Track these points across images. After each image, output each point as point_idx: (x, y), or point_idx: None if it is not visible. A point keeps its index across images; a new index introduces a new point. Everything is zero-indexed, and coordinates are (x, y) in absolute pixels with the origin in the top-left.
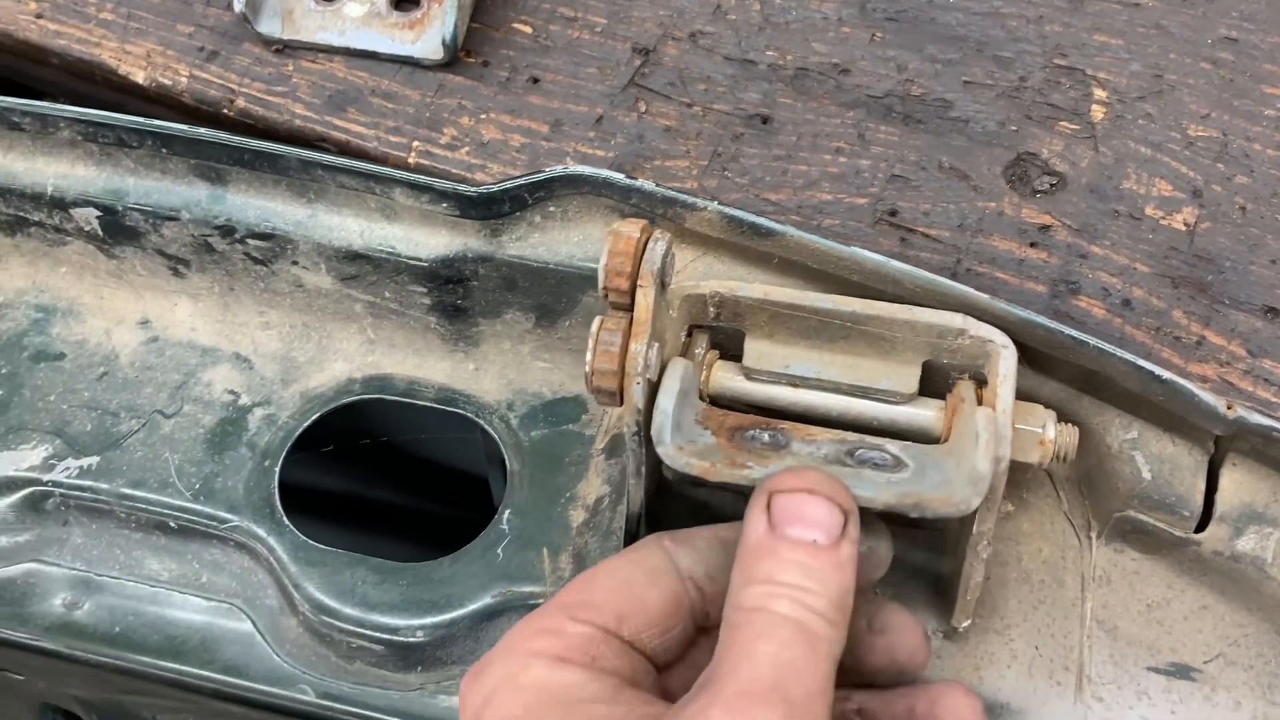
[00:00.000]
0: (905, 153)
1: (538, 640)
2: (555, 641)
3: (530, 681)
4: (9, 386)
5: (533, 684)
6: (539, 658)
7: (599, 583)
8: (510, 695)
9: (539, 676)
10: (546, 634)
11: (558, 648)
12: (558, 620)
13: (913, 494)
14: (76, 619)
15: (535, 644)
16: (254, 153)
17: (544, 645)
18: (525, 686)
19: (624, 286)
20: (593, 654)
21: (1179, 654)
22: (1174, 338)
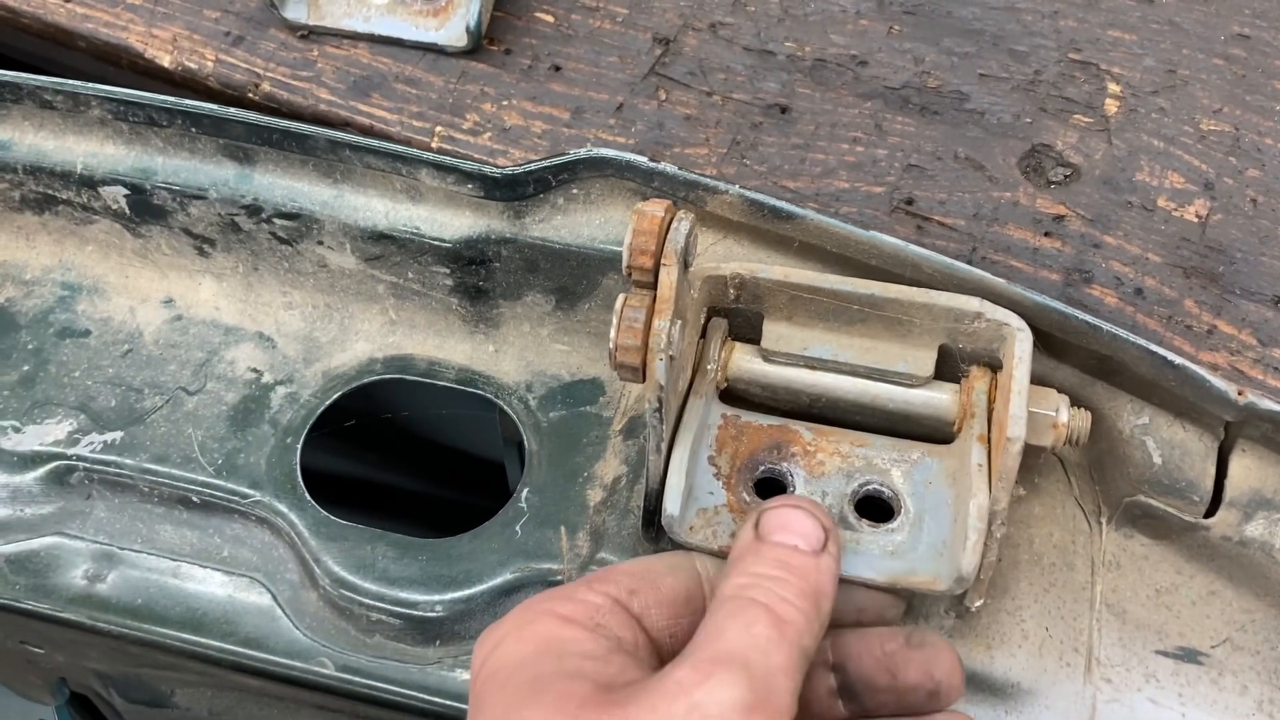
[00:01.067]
0: (922, 143)
1: (551, 602)
2: (566, 605)
3: (535, 633)
4: (35, 362)
5: (536, 635)
6: (548, 615)
7: (621, 566)
8: (515, 643)
9: (544, 629)
10: (560, 599)
11: (567, 610)
12: (574, 589)
13: (903, 578)
14: (99, 591)
15: (548, 605)
16: (282, 133)
17: (555, 606)
18: (529, 637)
19: (648, 265)
20: (598, 620)
21: (1187, 638)
22: (1185, 326)
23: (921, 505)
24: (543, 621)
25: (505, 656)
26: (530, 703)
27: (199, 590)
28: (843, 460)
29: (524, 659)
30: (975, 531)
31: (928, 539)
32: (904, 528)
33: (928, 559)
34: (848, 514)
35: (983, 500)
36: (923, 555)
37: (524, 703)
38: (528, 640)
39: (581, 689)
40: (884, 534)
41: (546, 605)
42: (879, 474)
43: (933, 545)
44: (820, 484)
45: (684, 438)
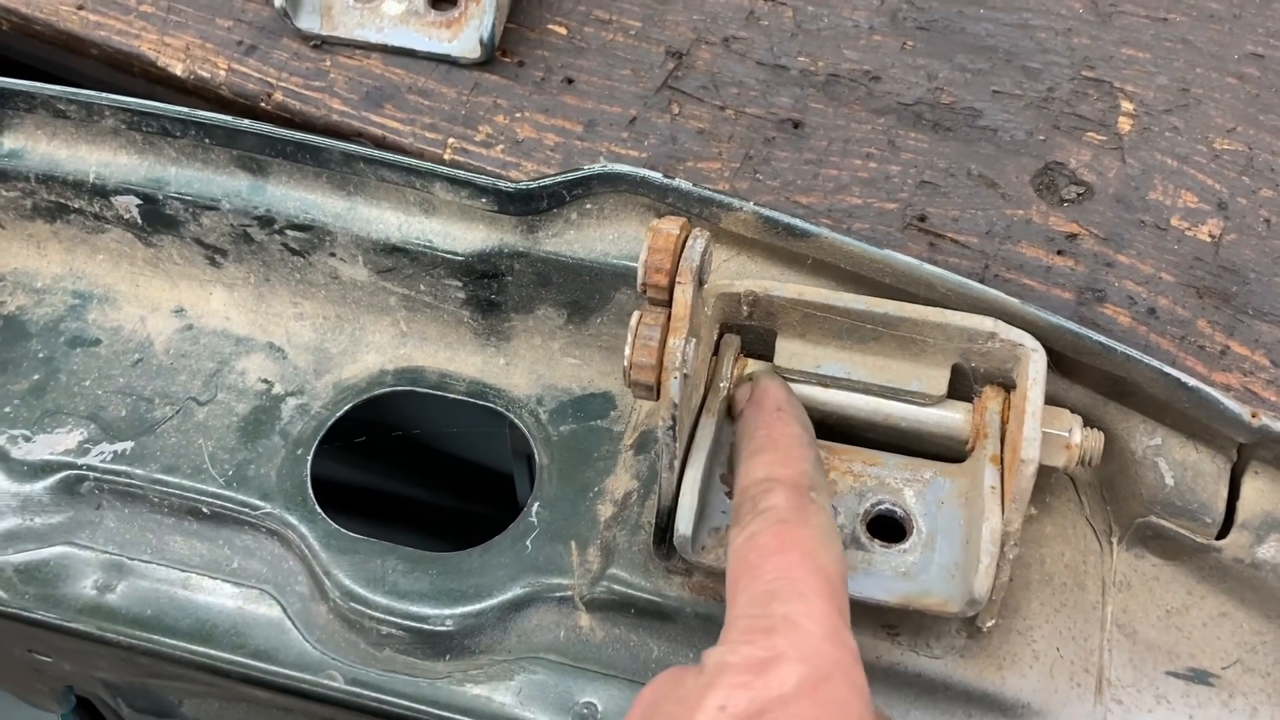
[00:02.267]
0: (935, 160)
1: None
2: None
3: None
4: (45, 371)
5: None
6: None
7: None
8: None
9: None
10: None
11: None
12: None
13: (915, 599)
14: (108, 601)
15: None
16: (296, 145)
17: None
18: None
19: (663, 282)
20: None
21: (1198, 659)
22: (1198, 347)
23: (934, 525)
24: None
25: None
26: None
27: (209, 602)
28: (855, 479)
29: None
30: (988, 555)
31: (940, 560)
32: (916, 548)
33: (940, 580)
34: (859, 534)
35: (996, 524)
36: (935, 577)
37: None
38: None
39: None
40: (896, 554)
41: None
42: (891, 493)
43: (945, 567)
44: (833, 503)
45: (697, 457)
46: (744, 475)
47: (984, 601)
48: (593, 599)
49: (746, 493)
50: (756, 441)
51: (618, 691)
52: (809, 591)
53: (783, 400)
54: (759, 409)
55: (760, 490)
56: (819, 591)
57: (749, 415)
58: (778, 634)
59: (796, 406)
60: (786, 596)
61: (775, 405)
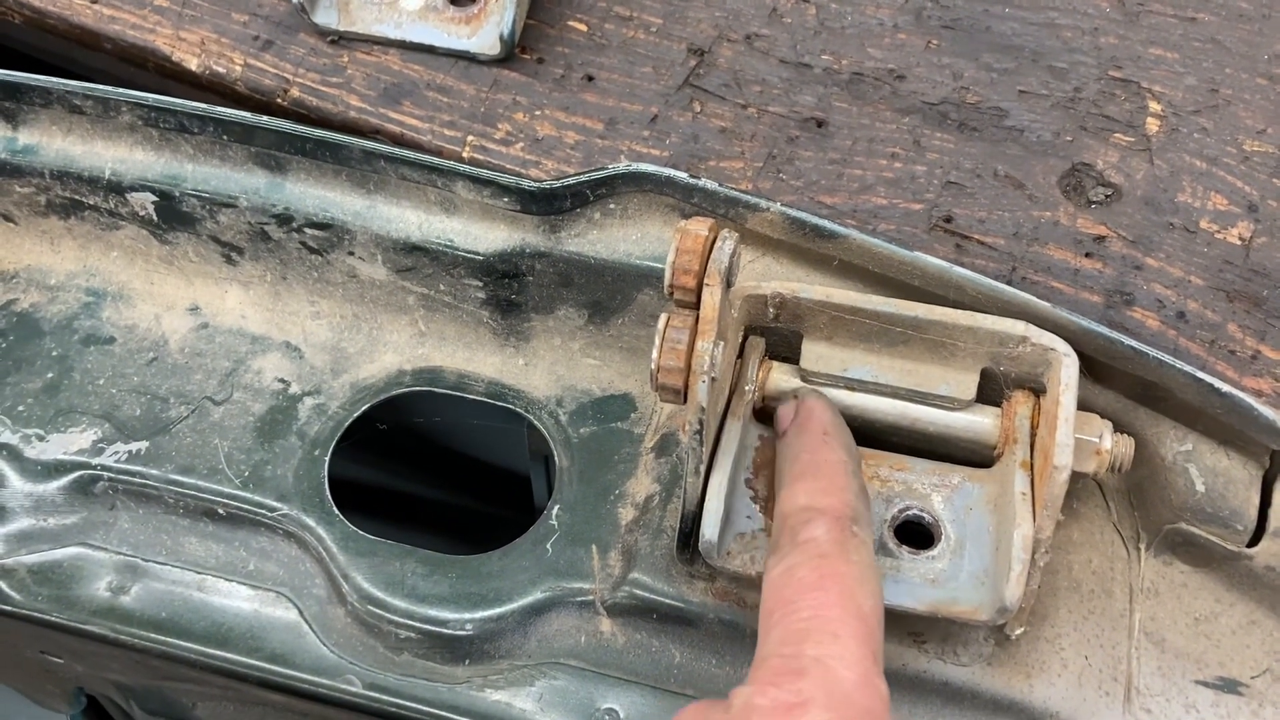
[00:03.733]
0: (961, 160)
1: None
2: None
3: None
4: (59, 369)
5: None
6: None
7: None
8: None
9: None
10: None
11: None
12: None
13: (944, 606)
14: (122, 603)
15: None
16: (316, 142)
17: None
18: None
19: (691, 285)
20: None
21: (1227, 668)
22: (1228, 351)
23: (963, 532)
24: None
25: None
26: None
27: (224, 604)
28: (882, 484)
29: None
30: (1019, 563)
31: (969, 567)
32: (945, 555)
33: (969, 588)
34: (887, 540)
35: (1027, 530)
36: (964, 584)
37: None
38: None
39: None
40: (924, 561)
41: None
42: (919, 499)
43: (974, 574)
44: None
45: (722, 462)
46: (785, 501)
47: (1014, 610)
48: (614, 604)
49: (786, 520)
50: (800, 466)
51: (639, 698)
52: (844, 633)
53: (830, 424)
54: (804, 431)
55: (800, 520)
56: (854, 633)
57: (793, 437)
58: (808, 678)
59: (844, 431)
60: (820, 637)
61: (822, 428)
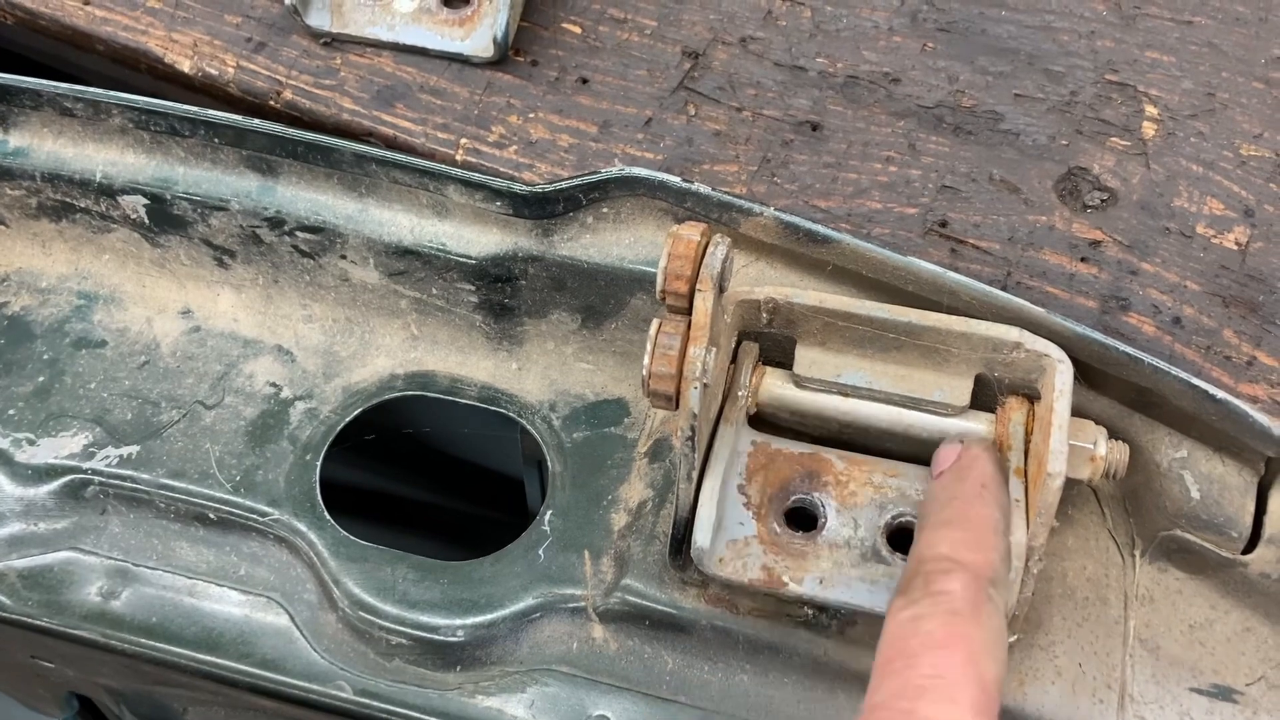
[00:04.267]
0: (956, 164)
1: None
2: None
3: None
4: (50, 373)
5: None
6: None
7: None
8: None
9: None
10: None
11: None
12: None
13: None
14: (113, 608)
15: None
16: (307, 145)
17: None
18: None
19: (683, 290)
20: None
21: (1221, 675)
22: (1224, 357)
23: None
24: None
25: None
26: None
27: (215, 609)
28: (875, 490)
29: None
30: (1013, 571)
31: None
32: None
33: None
34: (880, 546)
35: (1021, 538)
36: None
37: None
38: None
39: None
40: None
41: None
42: (912, 505)
43: None
44: (852, 514)
45: (715, 468)
46: (924, 545)
47: (1008, 617)
48: (606, 610)
49: (923, 565)
50: (949, 513)
51: (631, 704)
52: (962, 700)
53: (989, 477)
54: (962, 479)
55: (938, 568)
56: (973, 702)
57: (949, 482)
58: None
59: (1002, 489)
60: (938, 699)
61: (980, 480)
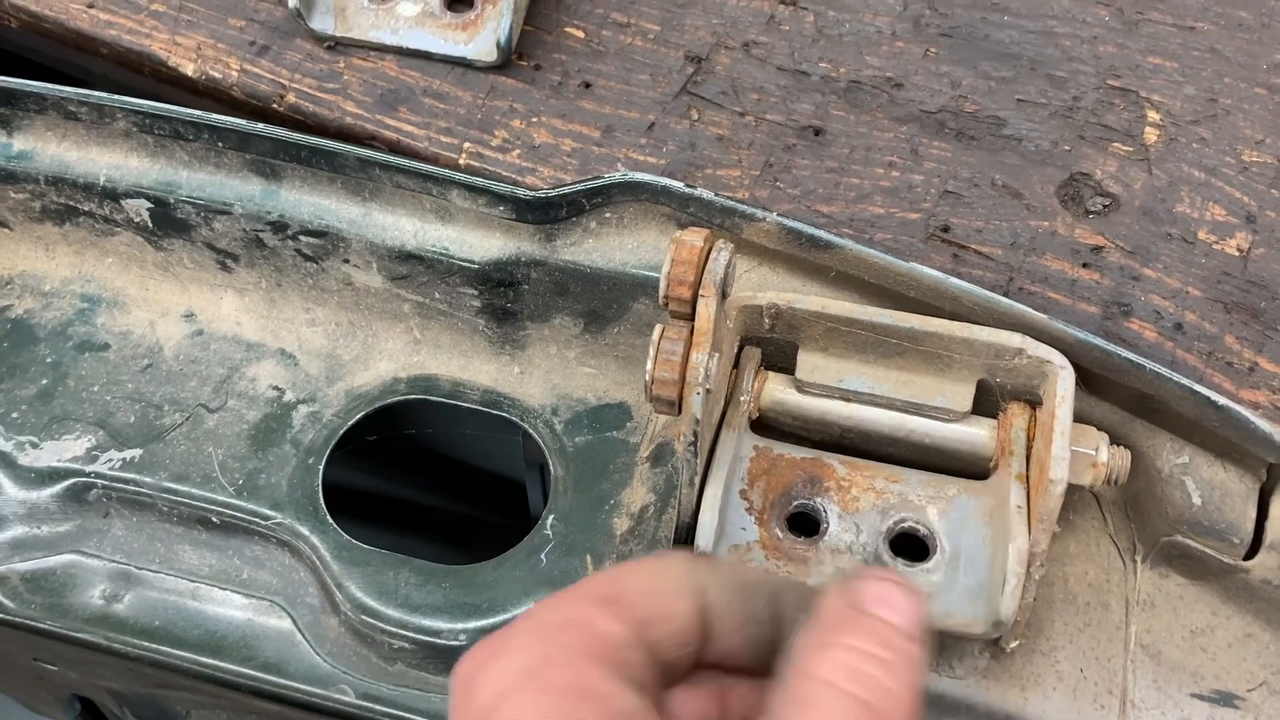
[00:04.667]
0: (958, 169)
1: (567, 632)
2: (586, 637)
3: (559, 683)
4: (54, 376)
5: (562, 686)
6: (568, 653)
7: (629, 583)
8: (535, 695)
9: (569, 679)
10: (576, 627)
11: (589, 645)
12: (587, 611)
13: (940, 619)
14: (115, 611)
15: (565, 636)
16: (311, 149)
17: (574, 639)
18: (552, 687)
19: (686, 296)
20: (622, 659)
21: (1223, 681)
22: (1226, 363)
23: (958, 544)
24: (563, 664)
25: (525, 717)
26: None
27: (218, 613)
28: (877, 496)
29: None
30: (1015, 576)
31: (964, 580)
32: (939, 568)
33: (964, 601)
34: (882, 552)
35: (1022, 544)
36: (959, 597)
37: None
38: (550, 693)
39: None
40: (920, 574)
41: (563, 636)
42: (914, 511)
43: (969, 587)
44: (854, 520)
45: (717, 474)
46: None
47: (1010, 623)
48: None
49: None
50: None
51: None
52: None
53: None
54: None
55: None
56: None
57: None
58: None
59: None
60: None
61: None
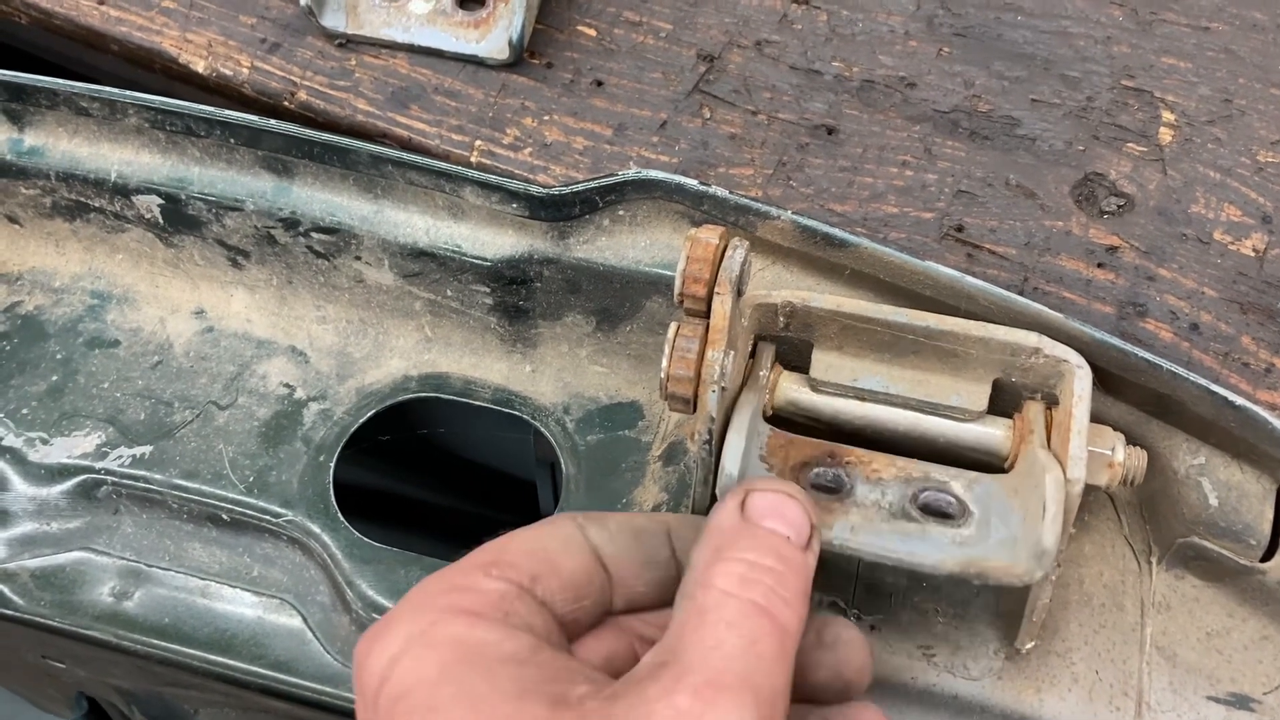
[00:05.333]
0: (972, 169)
1: (449, 596)
2: (468, 597)
3: (444, 637)
4: (64, 372)
5: (446, 640)
6: (451, 613)
7: (512, 545)
8: (421, 653)
9: (453, 633)
10: (458, 590)
11: (471, 603)
12: (469, 576)
13: (976, 562)
14: (125, 609)
15: (447, 599)
16: (323, 146)
17: (456, 600)
18: (438, 643)
19: (701, 293)
20: (507, 609)
21: (1239, 684)
22: (1242, 364)
23: (986, 511)
24: (448, 623)
25: (414, 674)
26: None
27: (228, 610)
28: (899, 470)
29: (442, 675)
30: (1055, 503)
31: (996, 536)
32: (970, 525)
33: (999, 550)
34: (910, 511)
35: (1058, 474)
36: (994, 547)
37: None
38: (437, 648)
39: (535, 711)
40: (951, 528)
41: (445, 600)
42: (938, 483)
43: (1003, 540)
44: (880, 487)
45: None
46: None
47: (1053, 555)
48: None
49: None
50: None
51: None
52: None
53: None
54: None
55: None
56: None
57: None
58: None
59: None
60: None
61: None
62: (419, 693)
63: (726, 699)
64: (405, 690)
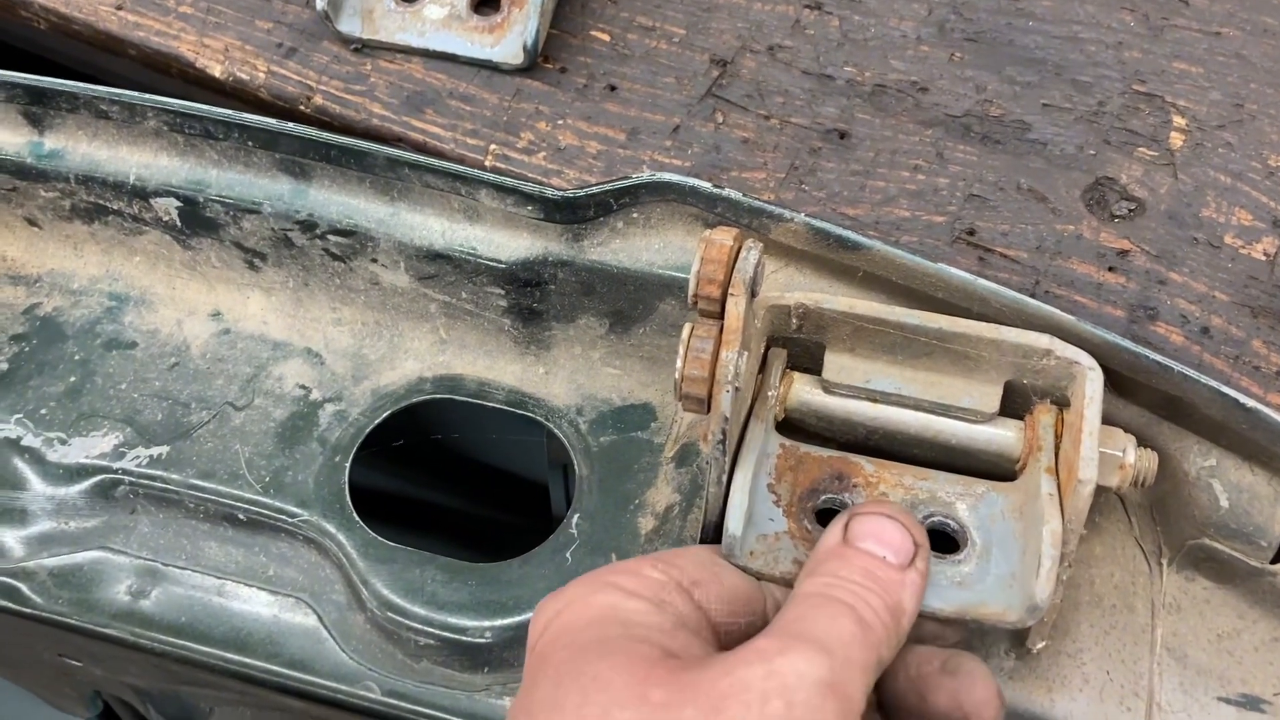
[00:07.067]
0: (984, 173)
1: (615, 575)
2: (631, 579)
3: (600, 601)
4: (82, 373)
5: (601, 603)
6: (612, 587)
7: (684, 552)
8: (580, 609)
9: (609, 600)
10: (624, 573)
11: (632, 584)
12: (638, 564)
13: (972, 608)
14: (142, 608)
15: (613, 577)
16: (340, 149)
17: (620, 580)
18: (595, 604)
19: (715, 294)
20: (663, 598)
21: (1249, 685)
22: (1253, 367)
23: (988, 538)
24: (606, 592)
25: (569, 621)
26: (598, 659)
27: (244, 609)
28: (905, 492)
29: (590, 622)
30: (1049, 559)
31: (996, 571)
32: (971, 559)
33: (997, 590)
34: None
35: (1056, 527)
36: (991, 587)
37: (591, 658)
38: (592, 607)
39: (650, 652)
40: (950, 565)
41: (610, 578)
42: (943, 507)
43: (1001, 577)
44: None
45: (745, 463)
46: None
47: (1045, 608)
48: None
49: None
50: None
51: None
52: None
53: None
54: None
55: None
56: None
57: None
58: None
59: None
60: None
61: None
62: (567, 634)
63: (801, 647)
64: (558, 633)
